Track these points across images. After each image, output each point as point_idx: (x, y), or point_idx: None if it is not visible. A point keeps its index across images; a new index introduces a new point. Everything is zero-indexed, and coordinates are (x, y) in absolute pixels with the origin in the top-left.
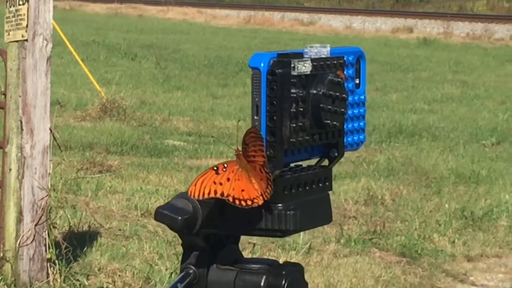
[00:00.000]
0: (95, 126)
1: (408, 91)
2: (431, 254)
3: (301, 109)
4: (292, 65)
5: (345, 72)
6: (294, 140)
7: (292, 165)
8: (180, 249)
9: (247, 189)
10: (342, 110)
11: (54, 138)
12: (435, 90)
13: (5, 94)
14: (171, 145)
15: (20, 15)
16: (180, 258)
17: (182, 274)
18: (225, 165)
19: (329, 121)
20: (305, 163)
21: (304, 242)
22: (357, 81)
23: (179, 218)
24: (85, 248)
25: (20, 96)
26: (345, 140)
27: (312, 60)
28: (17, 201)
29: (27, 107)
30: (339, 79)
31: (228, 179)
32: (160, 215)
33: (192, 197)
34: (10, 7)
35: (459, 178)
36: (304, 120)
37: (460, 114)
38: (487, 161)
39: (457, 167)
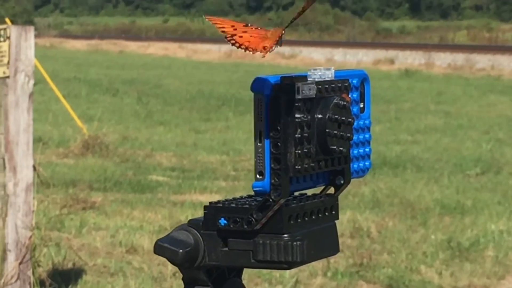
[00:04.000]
0: (78, 163)
1: (391, 123)
2: (418, 285)
3: (306, 135)
4: (297, 89)
5: (349, 96)
6: (299, 167)
7: (296, 193)
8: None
9: (254, 43)
10: (348, 135)
11: (38, 175)
12: (418, 121)
13: None
14: (155, 180)
15: (1, 52)
16: None
17: None
18: (255, 27)
19: (335, 147)
20: (309, 192)
21: (290, 276)
22: (361, 105)
23: (180, 251)
24: (70, 286)
25: (2, 134)
26: (351, 167)
27: (317, 83)
28: (1, 239)
29: (9, 144)
30: (345, 103)
31: (245, 32)
32: (159, 248)
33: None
34: None
35: (445, 209)
36: (310, 146)
37: (443, 144)
38: (472, 191)
39: (442, 198)
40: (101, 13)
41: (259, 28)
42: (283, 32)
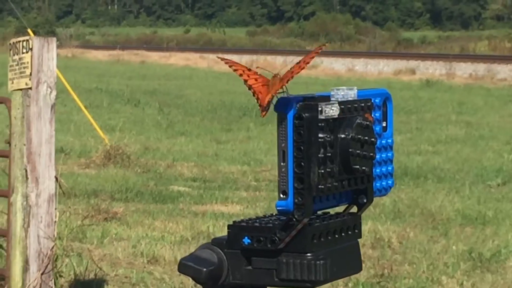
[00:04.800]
0: (100, 173)
1: (412, 133)
2: None
3: (329, 154)
4: (319, 109)
5: (372, 115)
6: (322, 186)
7: (319, 212)
8: None
9: (263, 96)
10: (371, 154)
11: (60, 186)
12: (439, 132)
13: (9, 143)
14: (176, 191)
15: (24, 63)
16: None
17: None
18: (259, 73)
19: (358, 166)
20: (332, 210)
21: None
22: (384, 124)
23: (204, 269)
24: None
25: (24, 145)
26: (373, 185)
27: (340, 103)
28: (23, 250)
29: (32, 155)
30: (368, 123)
31: (256, 80)
32: (183, 266)
33: (221, 60)
34: (14, 55)
35: (466, 220)
36: (333, 166)
37: (465, 155)
38: (493, 202)
39: (464, 208)
40: (123, 23)
41: (258, 74)
42: (285, 84)
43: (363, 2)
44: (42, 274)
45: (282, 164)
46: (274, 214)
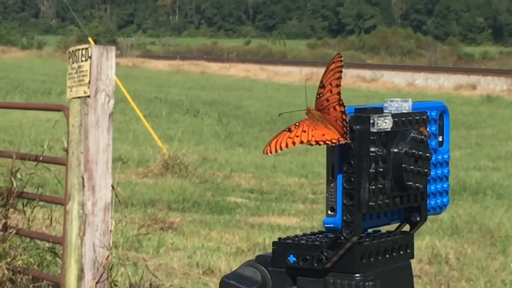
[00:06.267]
0: (157, 183)
1: (472, 148)
2: None
3: (381, 170)
4: (372, 121)
5: (428, 129)
6: (373, 203)
7: (370, 230)
8: None
9: (327, 133)
10: (426, 170)
11: (116, 195)
12: (499, 147)
13: (67, 151)
14: (233, 202)
15: (83, 71)
16: None
17: None
18: (297, 124)
19: (411, 183)
20: (384, 229)
21: None
22: (440, 139)
23: None
24: None
25: (82, 153)
26: (427, 203)
27: (393, 115)
28: (78, 258)
29: (89, 163)
30: (423, 137)
31: (304, 131)
32: (225, 285)
33: (268, 154)
34: (73, 63)
35: None
36: (384, 182)
37: None
38: None
39: None
40: (184, 34)
41: (297, 124)
42: (343, 114)
43: (425, 17)
44: (97, 282)
45: (330, 179)
46: (322, 231)
